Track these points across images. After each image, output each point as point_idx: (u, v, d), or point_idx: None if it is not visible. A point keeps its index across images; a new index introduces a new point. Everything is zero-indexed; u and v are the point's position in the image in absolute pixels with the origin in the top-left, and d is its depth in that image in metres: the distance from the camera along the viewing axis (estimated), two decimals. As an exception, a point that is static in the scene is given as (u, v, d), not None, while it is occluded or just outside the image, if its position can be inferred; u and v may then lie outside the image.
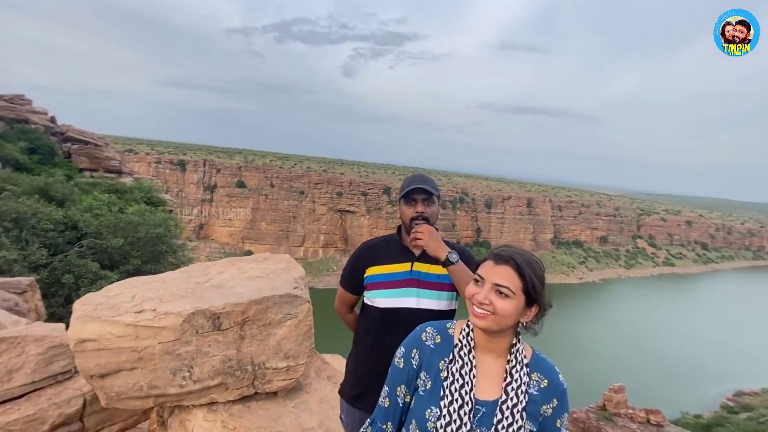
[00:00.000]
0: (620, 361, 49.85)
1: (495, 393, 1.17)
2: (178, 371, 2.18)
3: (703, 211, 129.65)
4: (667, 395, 40.07)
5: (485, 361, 1.20)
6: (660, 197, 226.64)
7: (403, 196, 1.71)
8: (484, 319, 1.14)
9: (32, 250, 8.41)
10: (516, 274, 1.16)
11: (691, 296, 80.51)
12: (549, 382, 1.19)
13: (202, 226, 77.91)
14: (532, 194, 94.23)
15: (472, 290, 1.18)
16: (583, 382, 40.99)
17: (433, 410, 1.14)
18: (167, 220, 12.14)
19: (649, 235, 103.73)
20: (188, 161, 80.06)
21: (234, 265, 2.87)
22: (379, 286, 1.70)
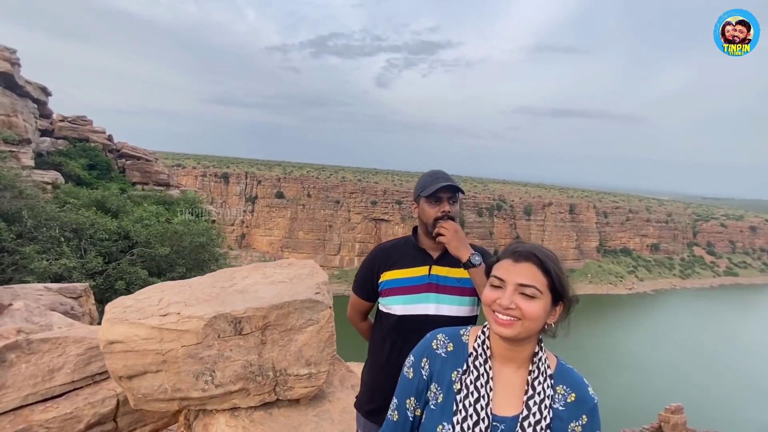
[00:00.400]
0: (678, 378, 46.08)
1: (515, 408, 1.04)
2: (200, 375, 2.19)
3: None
4: (733, 417, 36.50)
5: (504, 372, 1.08)
6: (719, 201, 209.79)
7: (428, 195, 1.59)
8: (510, 327, 1.02)
9: (89, 258, 9.06)
10: (540, 271, 1.05)
11: (757, 308, 73.31)
12: (577, 396, 1.06)
13: (244, 235, 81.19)
14: (574, 200, 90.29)
15: (493, 295, 1.06)
16: (635, 400, 38.26)
17: (445, 426, 1.03)
18: (210, 230, 12.73)
19: (707, 243, 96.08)
20: (231, 174, 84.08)
21: (259, 270, 2.89)
22: (396, 292, 1.60)
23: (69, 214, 10.14)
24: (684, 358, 52.09)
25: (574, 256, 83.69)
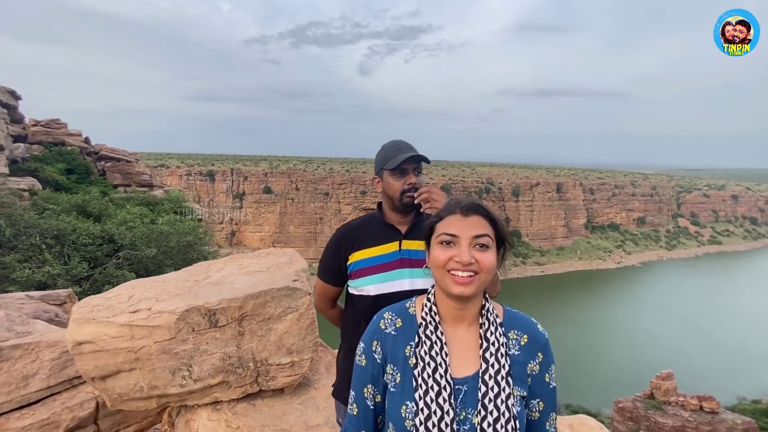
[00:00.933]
0: (667, 346, 47.49)
1: (474, 366, 1.01)
2: (177, 370, 2.13)
3: (750, 183, 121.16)
4: (721, 381, 37.85)
5: (456, 334, 1.05)
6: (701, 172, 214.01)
7: (393, 167, 1.52)
8: (471, 284, 0.98)
9: (74, 264, 8.85)
10: (487, 221, 1.03)
11: (742, 275, 75.57)
12: (529, 336, 1.06)
13: (234, 233, 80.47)
14: (561, 179, 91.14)
15: (446, 254, 1.00)
16: (628, 369, 39.38)
17: (409, 405, 0.98)
18: (196, 228, 12.54)
19: (691, 213, 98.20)
20: (217, 171, 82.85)
21: (235, 261, 2.82)
22: (367, 272, 1.53)
23: (49, 220, 9.87)
24: (673, 326, 53.62)
25: (563, 234, 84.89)
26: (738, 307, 59.78)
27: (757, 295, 63.92)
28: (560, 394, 8.19)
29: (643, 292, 67.36)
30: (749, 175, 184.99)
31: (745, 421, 23.05)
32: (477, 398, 0.97)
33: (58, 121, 20.86)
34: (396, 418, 1.00)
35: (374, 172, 1.64)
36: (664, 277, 75.18)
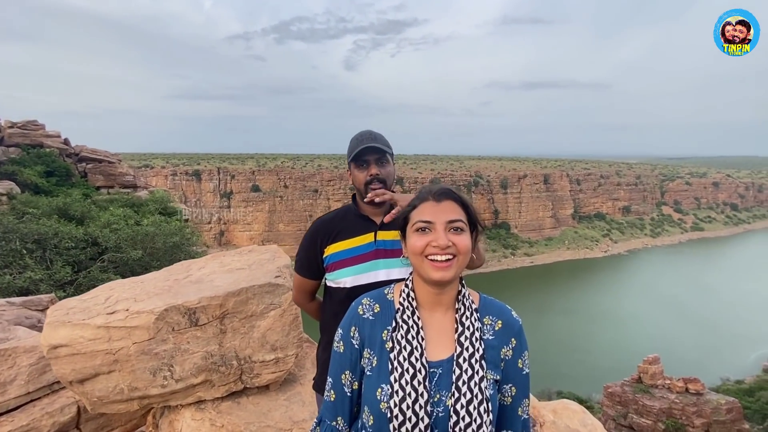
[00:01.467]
0: (654, 331, 48.62)
1: (449, 350, 1.03)
2: (157, 371, 2.10)
3: (731, 170, 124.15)
4: (706, 363, 38.94)
5: (433, 319, 1.07)
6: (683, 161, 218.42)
7: (354, 158, 1.53)
8: (449, 268, 1.00)
9: (57, 269, 8.64)
10: (459, 206, 1.06)
11: (723, 260, 77.61)
12: (503, 322, 1.09)
13: (222, 232, 79.58)
14: (548, 170, 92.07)
15: (423, 240, 1.02)
16: (617, 356, 40.22)
17: (384, 388, 0.99)
18: (183, 229, 12.35)
19: (674, 201, 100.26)
20: (203, 171, 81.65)
21: (216, 259, 2.79)
22: (343, 264, 1.52)
23: (29, 224, 9.62)
24: (659, 311, 54.88)
25: (551, 224, 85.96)
26: (721, 290, 61.42)
27: (738, 279, 65.75)
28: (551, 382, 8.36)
29: (630, 280, 68.72)
30: (729, 163, 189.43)
31: (729, 401, 23.77)
32: (451, 381, 0.99)
33: (36, 122, 20.28)
34: (371, 401, 1.01)
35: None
36: (649, 264, 76.79)
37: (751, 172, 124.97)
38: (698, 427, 22.97)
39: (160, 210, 15.57)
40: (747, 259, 77.30)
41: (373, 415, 1.00)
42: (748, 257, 78.42)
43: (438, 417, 0.97)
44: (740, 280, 65.17)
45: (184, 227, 12.79)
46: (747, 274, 68.26)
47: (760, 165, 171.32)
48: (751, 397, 29.35)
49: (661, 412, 23.91)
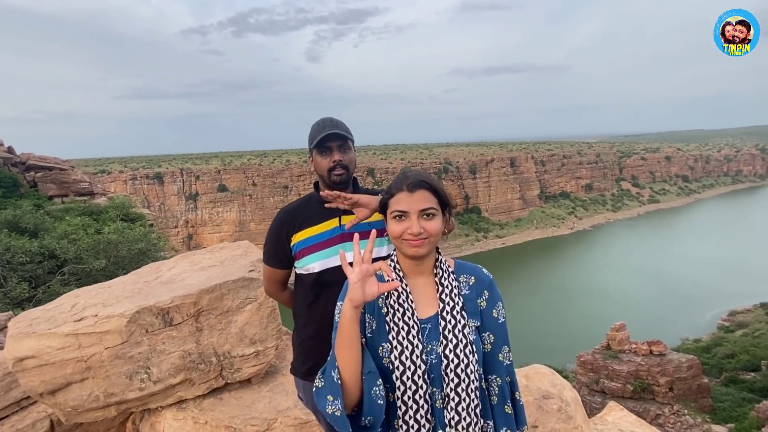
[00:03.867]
0: (619, 300, 51.39)
1: (434, 308, 1.21)
2: (134, 374, 2.07)
3: (681, 144, 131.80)
4: (667, 325, 41.62)
5: (417, 285, 1.24)
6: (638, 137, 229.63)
7: (315, 145, 1.54)
8: (422, 246, 1.17)
9: (12, 286, 8.13)
10: (431, 193, 1.20)
11: (678, 228, 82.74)
12: (475, 277, 1.26)
13: (191, 235, 76.97)
14: (514, 153, 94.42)
15: (400, 227, 1.19)
16: (587, 326, 42.30)
17: (385, 346, 1.16)
18: (148, 234, 11.87)
19: (631, 176, 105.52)
20: (165, 173, 78.26)
21: (186, 258, 2.74)
22: (310, 250, 1.55)
23: (-25, 241, 8.97)
24: (624, 280, 58.01)
25: (520, 206, 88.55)
26: (677, 257, 65.55)
27: (692, 245, 70.34)
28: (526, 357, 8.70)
29: (596, 253, 72.10)
30: (679, 137, 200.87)
31: (689, 359, 25.61)
32: (439, 332, 1.16)
33: (-28, 131, 18.77)
34: (375, 356, 1.15)
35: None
36: (612, 238, 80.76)
37: (698, 145, 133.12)
38: (663, 385, 24.65)
39: (122, 216, 14.88)
40: (699, 226, 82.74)
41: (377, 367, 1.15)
42: (699, 224, 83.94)
43: (432, 363, 1.14)
44: (694, 246, 69.74)
45: (149, 233, 12.30)
46: (700, 240, 73.12)
47: (706, 138, 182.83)
48: (708, 354, 31.75)
49: (629, 375, 25.47)
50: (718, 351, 32.23)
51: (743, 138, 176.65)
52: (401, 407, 1.12)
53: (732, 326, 39.69)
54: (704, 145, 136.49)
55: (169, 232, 69.04)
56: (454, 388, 1.12)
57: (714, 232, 76.79)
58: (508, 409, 1.22)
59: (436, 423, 1.13)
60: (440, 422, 1.13)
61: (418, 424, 1.12)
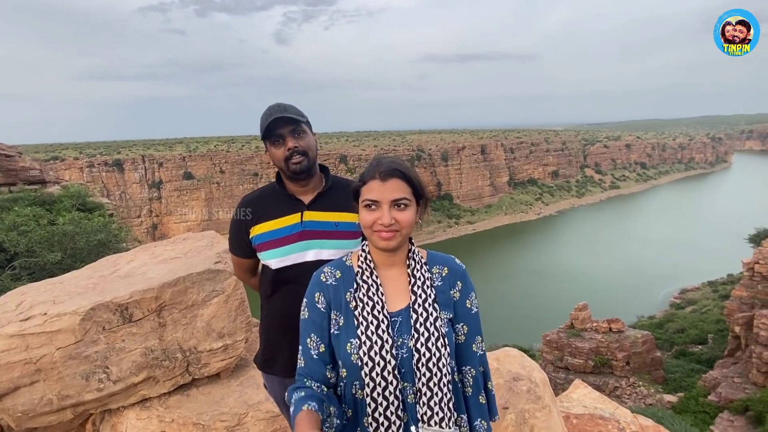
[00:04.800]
0: (583, 281, 53.96)
1: (405, 300, 1.16)
2: (91, 375, 1.95)
3: (640, 133, 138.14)
4: (625, 304, 44.15)
5: (389, 276, 1.19)
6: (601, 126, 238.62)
7: (265, 135, 1.40)
8: (393, 239, 1.12)
9: (-45, 283, 7.52)
10: (404, 183, 1.14)
11: (636, 213, 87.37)
12: (448, 268, 1.22)
13: (156, 225, 73.92)
14: (484, 141, 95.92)
15: (371, 217, 1.13)
16: (554, 307, 44.23)
17: (353, 342, 1.11)
18: (108, 225, 11.27)
19: (595, 163, 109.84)
20: (125, 160, 74.24)
21: (147, 250, 2.59)
22: (268, 246, 1.45)
23: None
24: (587, 262, 60.87)
25: (490, 192, 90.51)
26: (635, 240, 69.36)
27: (649, 228, 74.55)
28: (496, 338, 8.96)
29: (561, 238, 75.11)
30: (638, 126, 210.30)
31: (644, 335, 27.35)
32: (411, 325, 1.12)
33: None
34: (343, 356, 1.12)
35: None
36: (576, 222, 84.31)
37: (656, 134, 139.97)
38: (620, 359, 26.27)
39: (78, 206, 14.04)
40: (655, 210, 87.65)
41: (346, 367, 1.11)
42: (656, 209, 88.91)
43: (402, 358, 1.10)
44: (651, 229, 73.91)
45: (109, 223, 11.69)
46: (656, 223, 77.53)
47: (663, 127, 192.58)
48: (661, 329, 34.02)
49: (590, 351, 26.93)
50: (670, 326, 34.61)
51: (696, 127, 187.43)
52: (371, 404, 1.08)
53: (682, 303, 42.61)
54: (661, 133, 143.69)
55: (131, 222, 65.97)
56: (426, 382, 1.09)
57: (668, 216, 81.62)
58: (482, 399, 1.20)
59: (408, 419, 1.10)
60: (412, 418, 1.10)
61: (388, 421, 1.08)
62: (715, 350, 28.42)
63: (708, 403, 21.65)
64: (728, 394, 21.61)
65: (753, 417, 18.69)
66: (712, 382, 23.65)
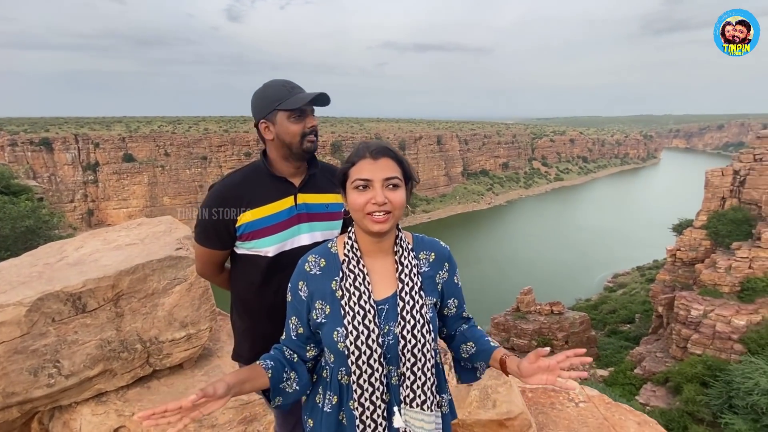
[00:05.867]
0: (528, 267, 57.29)
1: (392, 287, 1.17)
2: (39, 370, 1.80)
3: (582, 129, 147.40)
4: (565, 287, 47.53)
5: (376, 264, 1.19)
6: (548, 120, 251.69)
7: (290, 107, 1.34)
8: (386, 222, 1.10)
9: None
10: (395, 162, 1.13)
11: (577, 203, 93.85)
12: (435, 252, 1.24)
13: (91, 211, 68.11)
14: (440, 131, 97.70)
15: (363, 197, 1.10)
16: (502, 293, 46.65)
17: (340, 330, 1.11)
18: (37, 210, 10.24)
19: (542, 156, 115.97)
20: (54, 139, 67.20)
21: (97, 236, 2.41)
22: (263, 233, 1.38)
23: None
24: (532, 249, 64.70)
25: (444, 182, 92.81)
26: (576, 228, 74.62)
27: (588, 217, 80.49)
28: (450, 320, 9.27)
29: (510, 226, 79.08)
30: (581, 122, 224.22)
31: (581, 316, 29.74)
32: (397, 312, 1.14)
33: None
34: (330, 343, 1.13)
35: (255, 116, 1.41)
36: (524, 212, 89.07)
37: (596, 130, 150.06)
38: (560, 339, 28.40)
39: (1, 189, 12.59)
40: (594, 201, 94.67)
41: (333, 354, 1.13)
42: (595, 200, 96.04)
43: (388, 344, 1.12)
44: (590, 219, 79.81)
45: (38, 208, 10.62)
46: (594, 213, 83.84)
47: (603, 124, 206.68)
48: (596, 311, 37.15)
49: (534, 333, 28.86)
50: (603, 308, 37.89)
51: (631, 125, 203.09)
52: (357, 390, 1.11)
53: (615, 287, 46.69)
54: (601, 130, 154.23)
55: (63, 207, 60.32)
56: (410, 367, 1.13)
57: (605, 206, 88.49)
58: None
59: (391, 399, 1.14)
60: (396, 399, 1.14)
61: (373, 405, 1.12)
62: (642, 328, 31.60)
63: (634, 375, 24.10)
64: (651, 367, 24.18)
65: (672, 387, 21.06)
66: (638, 357, 26.30)
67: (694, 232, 28.57)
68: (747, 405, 15.89)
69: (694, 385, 19.20)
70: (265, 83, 1.43)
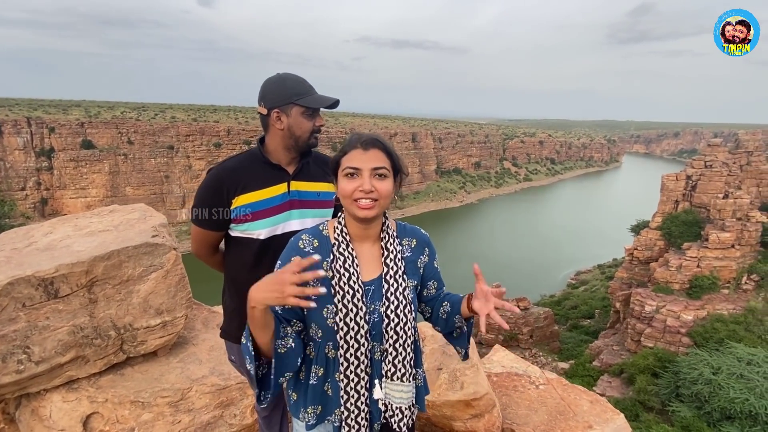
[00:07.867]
0: (497, 263, 58.89)
1: (377, 270, 1.27)
2: (8, 356, 1.77)
3: (551, 131, 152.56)
4: (531, 284, 49.24)
5: (363, 249, 1.28)
6: (519, 122, 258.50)
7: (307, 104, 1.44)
8: (372, 209, 1.18)
9: None
10: (384, 154, 1.21)
11: (544, 203, 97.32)
12: (416, 239, 1.36)
13: (45, 200, 64.13)
14: (415, 129, 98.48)
15: (352, 185, 1.18)
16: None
17: (329, 307, 1.20)
18: (-14, 197, 9.63)
19: (512, 157, 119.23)
20: (3, 121, 62.62)
21: (67, 222, 2.36)
22: (256, 216, 1.47)
23: None
24: (501, 246, 66.59)
25: (419, 179, 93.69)
26: (543, 226, 77.44)
27: (555, 216, 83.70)
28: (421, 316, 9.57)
29: (481, 224, 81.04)
30: (550, 124, 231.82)
31: (545, 311, 30.98)
32: (382, 293, 1.24)
33: None
34: (318, 319, 1.21)
35: (268, 103, 1.46)
36: (494, 210, 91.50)
37: (564, 133, 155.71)
38: (525, 333, 29.51)
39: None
40: (560, 201, 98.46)
41: (321, 329, 1.22)
42: (561, 200, 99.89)
43: (374, 322, 1.23)
44: (556, 218, 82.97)
45: (-12, 195, 10.00)
46: (561, 212, 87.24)
47: (570, 127, 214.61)
48: (559, 306, 38.76)
49: (501, 327, 29.90)
50: (566, 303, 39.58)
51: (596, 129, 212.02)
52: (343, 363, 1.21)
53: (577, 284, 48.85)
54: (568, 133, 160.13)
55: (13, 195, 56.53)
56: (392, 344, 1.23)
57: (571, 206, 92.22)
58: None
59: (373, 372, 1.24)
60: (377, 372, 1.25)
61: (357, 377, 1.22)
62: (600, 323, 33.27)
63: (593, 367, 25.38)
64: (608, 360, 25.55)
65: (626, 378, 22.35)
66: (597, 350, 27.71)
67: (650, 233, 30.31)
68: (692, 394, 17.15)
69: (646, 376, 20.47)
70: (280, 74, 1.50)
